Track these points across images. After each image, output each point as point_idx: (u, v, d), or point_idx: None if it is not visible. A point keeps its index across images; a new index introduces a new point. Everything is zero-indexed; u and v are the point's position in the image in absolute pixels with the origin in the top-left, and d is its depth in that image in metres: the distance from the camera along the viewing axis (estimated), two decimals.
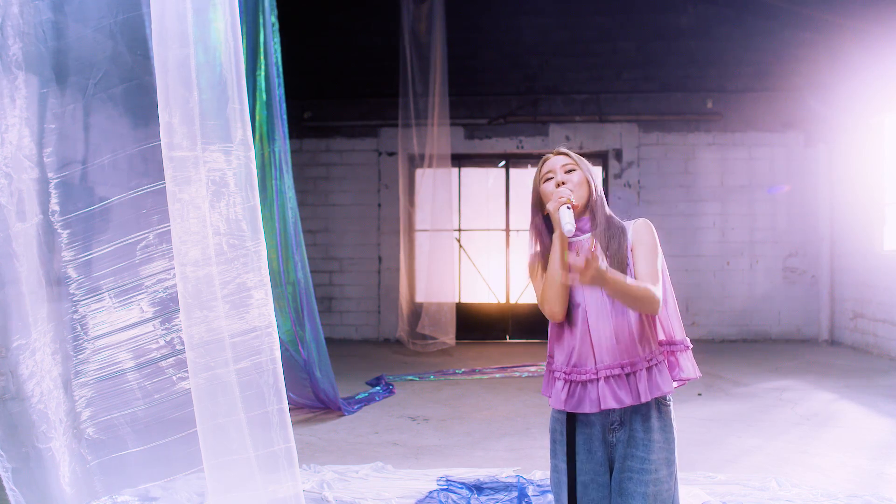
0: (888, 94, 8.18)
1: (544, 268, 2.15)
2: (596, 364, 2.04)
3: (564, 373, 2.09)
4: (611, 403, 2.01)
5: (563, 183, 2.13)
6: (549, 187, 2.15)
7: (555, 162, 2.20)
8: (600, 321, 2.06)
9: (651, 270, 2.07)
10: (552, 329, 2.18)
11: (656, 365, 2.06)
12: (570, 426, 2.09)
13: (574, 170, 2.16)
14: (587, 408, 2.03)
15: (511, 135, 10.21)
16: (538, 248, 2.20)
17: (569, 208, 2.04)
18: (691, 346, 2.16)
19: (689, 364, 2.14)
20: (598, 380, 2.03)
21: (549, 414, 2.20)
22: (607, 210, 2.17)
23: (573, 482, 2.05)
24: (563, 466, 2.10)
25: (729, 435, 4.86)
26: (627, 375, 2.03)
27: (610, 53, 10.12)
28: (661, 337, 2.16)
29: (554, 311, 2.09)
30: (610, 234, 2.12)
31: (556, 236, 2.06)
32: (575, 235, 2.11)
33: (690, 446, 4.45)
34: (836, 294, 9.61)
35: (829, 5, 8.54)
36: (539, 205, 2.21)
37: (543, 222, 2.20)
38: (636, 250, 2.11)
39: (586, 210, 2.14)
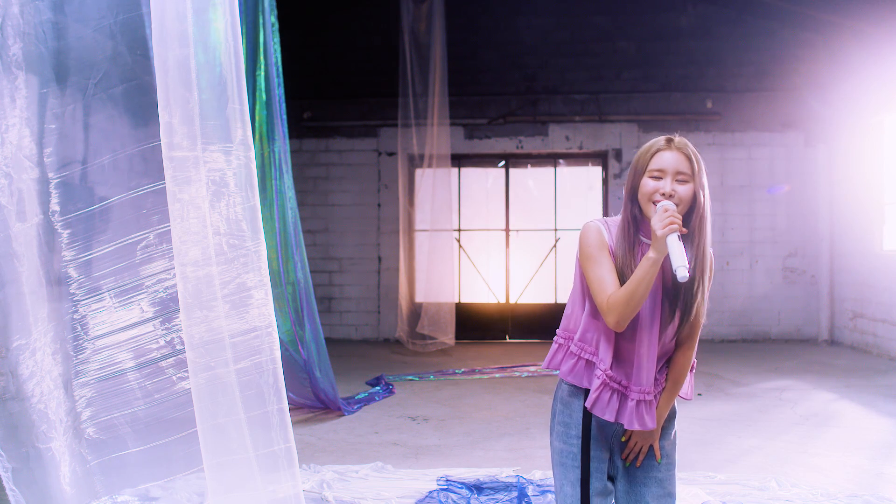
0: (888, 94, 8.19)
1: (616, 265, 1.94)
2: (631, 383, 1.97)
3: (607, 375, 1.97)
4: (635, 426, 1.97)
5: (671, 196, 1.86)
6: (650, 185, 1.89)
7: (669, 161, 1.89)
8: (650, 344, 1.95)
9: (696, 322, 1.99)
10: (598, 320, 1.99)
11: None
12: (587, 412, 2.04)
13: (688, 182, 1.87)
14: (607, 416, 1.98)
15: (511, 135, 10.21)
16: (624, 243, 1.95)
17: (679, 238, 1.78)
18: (694, 369, 2.15)
19: (688, 385, 2.13)
20: (628, 398, 1.97)
21: (548, 414, 2.19)
22: (708, 233, 1.91)
23: (587, 465, 2.03)
24: (568, 448, 2.05)
25: (728, 435, 4.86)
26: (655, 396, 2.03)
27: (609, 53, 10.12)
28: None
29: (621, 325, 1.90)
30: (703, 268, 1.91)
31: (652, 257, 1.81)
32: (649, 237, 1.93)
33: (690, 446, 4.45)
34: (836, 294, 9.61)
35: (829, 5, 8.54)
36: (633, 194, 1.94)
37: (638, 214, 1.95)
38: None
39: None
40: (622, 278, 1.91)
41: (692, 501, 3.48)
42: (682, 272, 1.72)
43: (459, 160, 10.30)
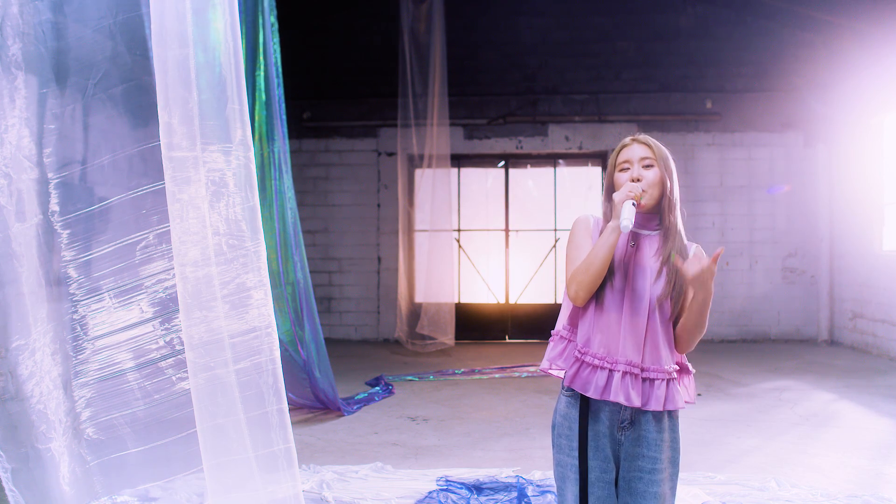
0: (888, 94, 8.19)
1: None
2: (618, 355, 2.00)
3: (579, 351, 2.04)
4: (619, 398, 1.98)
5: (639, 179, 2.04)
6: (622, 178, 2.07)
7: (634, 152, 2.09)
8: (637, 316, 2.01)
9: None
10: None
11: (675, 380, 2.05)
12: (583, 420, 2.04)
13: (652, 166, 2.06)
14: (591, 391, 2.00)
15: (510, 135, 10.21)
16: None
17: (634, 205, 1.97)
18: (693, 370, 2.16)
19: (687, 389, 2.13)
20: (613, 371, 2.00)
21: (548, 414, 2.19)
22: (678, 218, 2.08)
23: (585, 475, 2.01)
24: (568, 460, 2.05)
25: (728, 435, 4.86)
26: (644, 380, 2.01)
27: (609, 54, 10.12)
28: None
29: (579, 295, 2.01)
30: (674, 244, 2.04)
31: (611, 225, 1.98)
32: (639, 227, 2.07)
33: (690, 446, 4.45)
34: (836, 294, 9.62)
35: (829, 5, 8.54)
36: (611, 192, 2.12)
37: (610, 211, 2.10)
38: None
39: (655, 209, 2.07)
40: None
41: (692, 501, 3.48)
42: (624, 223, 1.92)
43: (459, 160, 10.30)
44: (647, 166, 2.06)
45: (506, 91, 10.22)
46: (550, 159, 10.47)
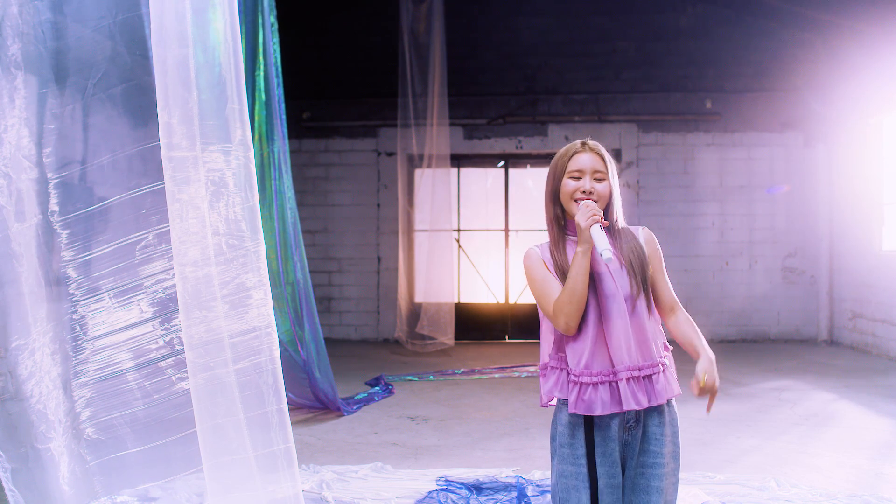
0: (888, 94, 8.19)
1: (556, 268, 2.05)
2: (614, 365, 1.99)
3: (574, 374, 2.01)
4: (632, 405, 1.96)
5: (591, 193, 2.03)
6: (570, 185, 2.05)
7: (586, 162, 2.06)
8: (619, 321, 1.99)
9: (670, 290, 2.13)
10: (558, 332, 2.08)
11: (667, 368, 2.06)
12: (589, 430, 2.02)
13: (604, 180, 2.06)
14: (598, 409, 1.98)
15: (510, 135, 10.21)
16: (550, 243, 2.11)
17: (601, 228, 1.94)
18: (671, 347, 2.17)
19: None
20: (616, 381, 1.98)
21: (548, 414, 2.18)
22: (622, 218, 2.12)
23: (595, 484, 1.99)
24: (575, 470, 2.02)
25: (728, 435, 4.86)
26: (645, 378, 2.00)
27: (609, 54, 10.12)
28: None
29: (570, 325, 1.99)
30: (629, 245, 2.07)
31: (580, 251, 1.96)
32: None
33: (690, 446, 4.44)
34: (835, 294, 9.62)
35: (829, 5, 8.54)
36: (555, 196, 2.10)
37: (560, 214, 2.11)
38: (651, 266, 2.10)
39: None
40: (562, 276, 2.04)
41: (692, 501, 3.48)
42: (606, 254, 1.90)
43: (459, 160, 10.30)
44: (599, 180, 2.05)
45: (506, 91, 10.22)
46: (550, 159, 10.43)
